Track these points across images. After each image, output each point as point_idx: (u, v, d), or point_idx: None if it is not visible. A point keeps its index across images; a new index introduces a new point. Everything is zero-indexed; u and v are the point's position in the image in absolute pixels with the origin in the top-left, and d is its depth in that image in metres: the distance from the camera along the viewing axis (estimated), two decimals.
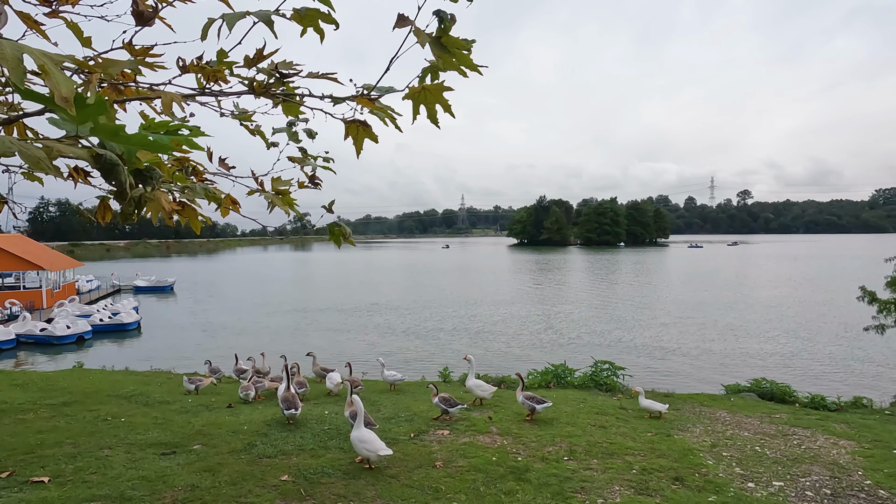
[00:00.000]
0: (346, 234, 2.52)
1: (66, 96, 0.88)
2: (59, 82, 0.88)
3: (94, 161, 1.12)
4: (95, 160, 1.12)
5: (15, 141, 0.98)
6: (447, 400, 7.45)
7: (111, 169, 1.13)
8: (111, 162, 1.12)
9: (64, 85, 0.88)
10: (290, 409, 7.13)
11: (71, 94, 0.89)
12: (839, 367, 18.05)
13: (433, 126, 2.49)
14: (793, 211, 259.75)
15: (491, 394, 8.55)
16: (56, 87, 0.88)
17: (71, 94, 0.89)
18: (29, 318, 24.75)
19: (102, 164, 1.12)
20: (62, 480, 4.91)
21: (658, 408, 8.01)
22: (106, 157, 1.11)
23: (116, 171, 1.14)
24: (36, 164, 1.00)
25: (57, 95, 0.88)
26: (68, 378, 11.33)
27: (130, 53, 2.13)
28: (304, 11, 1.90)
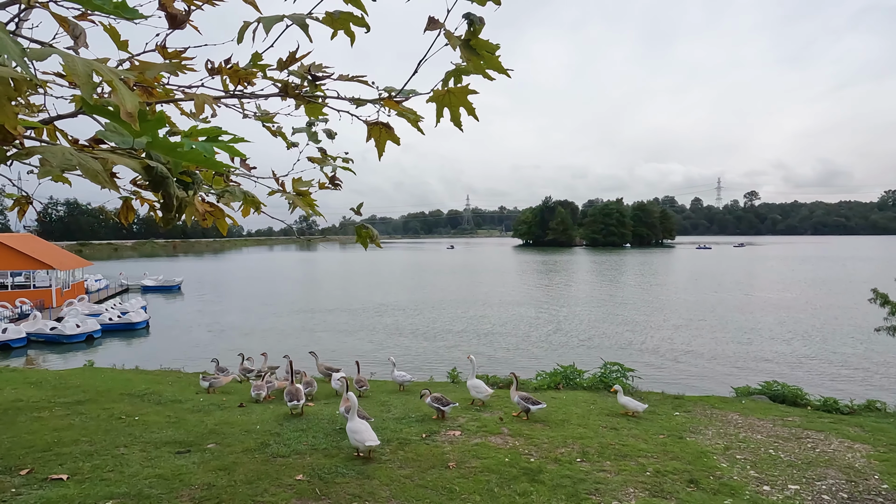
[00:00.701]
0: (374, 237, 2.54)
1: (131, 111, 0.90)
2: (125, 98, 0.90)
3: (146, 173, 1.14)
4: (147, 172, 1.13)
5: (75, 154, 1.00)
6: (440, 399, 7.61)
7: (161, 181, 1.15)
8: (162, 174, 1.14)
9: (129, 101, 0.90)
10: (292, 401, 7.67)
11: (136, 109, 0.91)
12: (851, 369, 17.90)
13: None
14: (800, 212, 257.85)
15: (488, 396, 8.55)
16: (122, 102, 0.89)
17: (136, 109, 0.91)
18: (39, 316, 24.99)
19: (153, 176, 1.14)
20: (80, 478, 4.96)
21: (635, 406, 8.01)
22: (157, 170, 1.13)
23: (166, 184, 1.16)
24: (94, 177, 1.01)
25: (122, 111, 0.90)
26: (80, 376, 11.43)
27: (163, 56, 2.15)
28: (338, 15, 1.92)
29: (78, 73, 0.87)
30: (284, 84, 2.12)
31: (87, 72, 0.88)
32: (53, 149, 0.98)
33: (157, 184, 1.16)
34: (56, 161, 0.94)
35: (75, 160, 0.97)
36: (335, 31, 2.12)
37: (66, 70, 0.86)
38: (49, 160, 0.94)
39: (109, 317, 26.80)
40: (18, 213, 2.97)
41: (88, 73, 0.89)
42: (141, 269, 55.12)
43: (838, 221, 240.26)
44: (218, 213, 2.30)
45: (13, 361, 19.88)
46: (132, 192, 2.99)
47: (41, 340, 23.57)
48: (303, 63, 2.16)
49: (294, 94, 2.11)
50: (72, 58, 0.87)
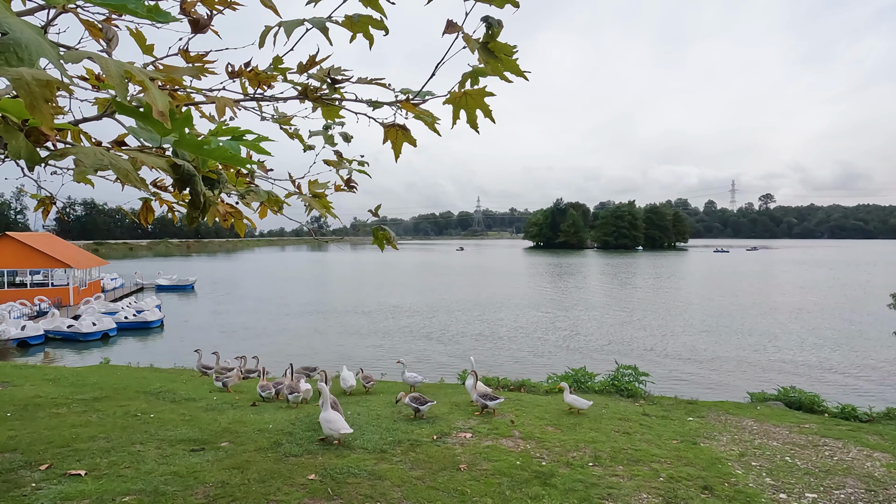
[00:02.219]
0: (391, 238, 2.55)
1: (162, 111, 0.92)
2: (156, 98, 0.92)
3: (173, 171, 1.16)
4: (174, 170, 1.16)
5: (106, 154, 1.02)
6: (417, 399, 7.81)
7: (189, 180, 1.17)
8: (189, 173, 1.16)
9: (160, 100, 0.92)
10: (292, 393, 8.73)
11: (167, 108, 0.92)
12: (870, 376, 17.55)
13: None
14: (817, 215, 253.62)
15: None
16: (154, 101, 0.91)
17: (167, 108, 0.92)
18: (57, 314, 25.47)
19: (181, 174, 1.16)
20: (98, 474, 5.04)
21: (581, 404, 8.03)
22: (184, 168, 1.15)
23: (193, 182, 1.18)
24: (125, 176, 1.04)
25: (154, 110, 0.92)
26: (97, 374, 11.62)
27: (186, 60, 2.19)
28: (357, 18, 1.94)
29: (112, 75, 0.89)
30: (304, 87, 2.14)
31: (121, 73, 0.90)
32: (86, 149, 1.00)
33: (184, 182, 1.18)
34: (89, 161, 0.96)
35: (107, 160, 0.99)
36: (354, 34, 2.14)
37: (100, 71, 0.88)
38: (83, 160, 0.96)
39: (125, 315, 27.23)
40: (43, 213, 3.04)
41: (122, 75, 0.91)
42: (155, 269, 55.92)
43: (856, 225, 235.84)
44: (237, 215, 2.33)
45: (32, 358, 20.28)
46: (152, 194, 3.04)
47: (59, 338, 24.02)
48: (322, 66, 2.18)
49: (314, 97, 2.13)
50: (105, 60, 0.89)
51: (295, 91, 2.16)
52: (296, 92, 2.16)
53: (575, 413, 8.16)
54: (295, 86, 2.17)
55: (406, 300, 37.07)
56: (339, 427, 6.23)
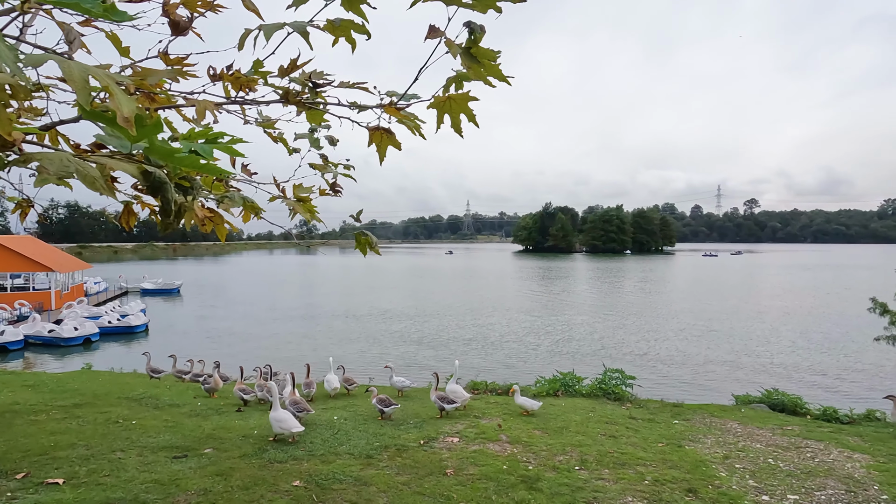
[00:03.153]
0: (373, 244, 2.54)
1: (127, 116, 0.90)
2: (121, 103, 0.90)
3: (144, 178, 1.14)
4: (145, 177, 1.13)
5: (73, 160, 1.00)
6: (383, 401, 8.01)
7: (160, 186, 1.15)
8: (160, 180, 1.14)
9: (126, 106, 0.90)
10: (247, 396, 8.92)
11: (132, 114, 0.91)
12: (851, 378, 17.86)
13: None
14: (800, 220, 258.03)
15: (465, 400, 8.66)
16: (119, 107, 0.89)
17: (132, 114, 0.91)
18: (38, 319, 24.95)
19: (152, 181, 1.14)
20: (76, 482, 4.93)
21: (531, 405, 8.28)
22: (155, 175, 1.13)
23: (164, 189, 1.16)
24: (91, 183, 1.01)
25: (119, 116, 0.90)
26: (78, 379, 11.39)
27: (165, 63, 2.17)
28: (339, 22, 1.93)
29: (74, 79, 0.87)
30: (285, 91, 2.13)
31: (84, 77, 0.88)
32: (51, 155, 0.98)
33: (155, 189, 1.16)
34: (54, 168, 0.94)
35: (73, 167, 0.97)
36: (336, 38, 2.14)
37: None
38: (47, 167, 0.94)
39: (109, 320, 26.77)
40: (20, 215, 2.98)
41: (85, 79, 0.89)
42: (140, 272, 55.09)
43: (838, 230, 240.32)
44: (217, 219, 2.30)
45: (11, 364, 19.83)
46: (133, 197, 3.00)
47: (39, 343, 23.52)
48: (304, 70, 2.17)
49: (295, 100, 2.12)
50: (68, 63, 0.87)
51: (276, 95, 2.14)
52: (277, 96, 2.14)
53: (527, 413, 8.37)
54: (276, 90, 2.15)
55: (395, 304, 36.95)
56: (291, 426, 6.38)
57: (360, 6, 1.89)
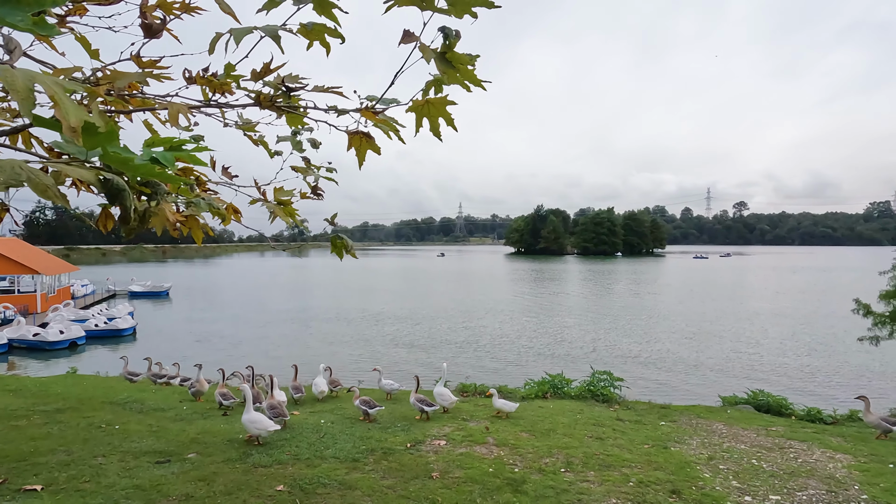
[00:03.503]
0: (349, 247, 2.54)
1: (74, 126, 0.89)
2: (68, 112, 0.88)
3: (101, 185, 1.12)
4: (102, 184, 1.12)
5: (24, 167, 0.99)
6: (367, 402, 8.10)
7: (117, 194, 1.13)
8: (118, 187, 1.12)
9: (73, 115, 0.89)
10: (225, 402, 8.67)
11: (79, 123, 0.89)
12: (836, 379, 18.08)
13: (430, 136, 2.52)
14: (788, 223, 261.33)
15: (451, 403, 8.73)
16: (65, 116, 0.88)
17: (79, 123, 0.89)
18: (23, 322, 24.56)
19: (109, 188, 1.12)
20: (55, 489, 4.86)
21: (509, 408, 8.36)
22: (113, 182, 1.12)
23: (122, 196, 1.14)
24: (43, 192, 1.00)
25: (65, 125, 0.89)
26: (62, 384, 11.24)
27: (138, 65, 2.15)
28: (311, 26, 1.93)
29: (17, 88, 0.86)
30: (258, 94, 2.12)
31: (28, 86, 0.87)
32: (2, 163, 0.97)
33: (113, 196, 1.15)
34: (4, 176, 0.92)
35: (24, 175, 0.95)
36: (311, 42, 2.14)
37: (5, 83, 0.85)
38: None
39: (95, 323, 26.41)
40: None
41: (29, 87, 0.87)
42: (129, 275, 54.48)
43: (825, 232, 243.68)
44: (192, 223, 2.29)
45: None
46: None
47: (23, 347, 23.16)
48: (279, 74, 2.17)
49: (268, 104, 2.11)
50: (10, 72, 0.86)
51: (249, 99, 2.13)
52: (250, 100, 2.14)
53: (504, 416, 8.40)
54: (248, 93, 2.15)
55: (387, 307, 36.85)
56: (266, 425, 6.50)
57: (332, 10, 1.89)
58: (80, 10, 2.52)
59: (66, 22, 2.60)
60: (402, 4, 2.12)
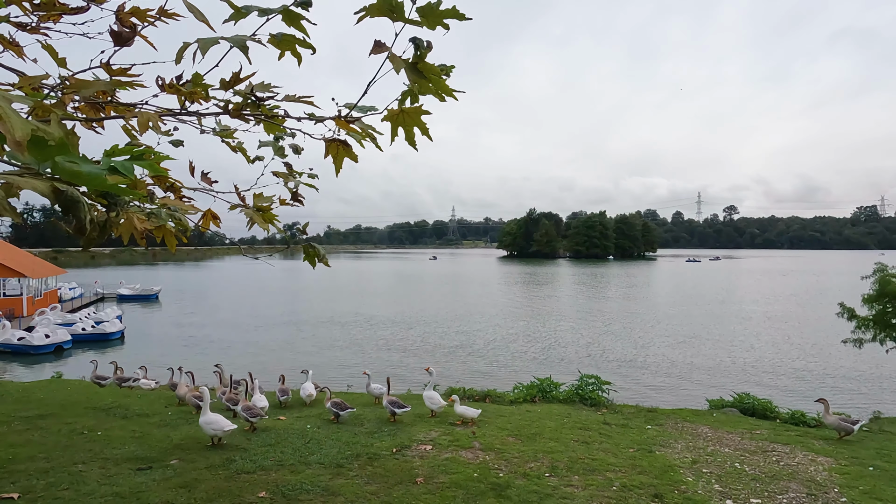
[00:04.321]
0: (321, 256, 2.54)
1: (19, 140, 0.88)
2: (14, 126, 0.88)
3: (55, 197, 1.12)
4: (56, 196, 1.12)
5: None
6: (338, 404, 8.23)
7: (72, 205, 1.13)
8: (72, 199, 1.12)
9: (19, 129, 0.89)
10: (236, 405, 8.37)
11: (25, 138, 0.89)
12: (821, 382, 18.28)
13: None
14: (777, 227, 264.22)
15: (440, 408, 8.73)
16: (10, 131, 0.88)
17: (25, 138, 0.89)
18: (8, 326, 24.22)
19: (63, 200, 1.12)
20: (32, 497, 4.80)
21: (472, 414, 8.29)
22: (67, 194, 1.12)
23: (76, 208, 1.14)
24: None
25: (10, 139, 0.89)
26: (45, 389, 11.09)
27: (108, 73, 2.15)
28: (280, 37, 1.94)
29: None
30: (226, 103, 2.13)
31: None
32: None
33: (67, 208, 1.15)
34: None
35: None
36: (282, 52, 2.15)
37: None
38: None
39: (83, 327, 26.09)
40: None
41: None
42: (118, 278, 53.91)
43: (813, 236, 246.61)
44: (164, 231, 2.29)
45: None
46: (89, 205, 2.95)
47: (8, 351, 22.83)
48: (250, 82, 2.17)
49: (237, 114, 2.12)
50: None
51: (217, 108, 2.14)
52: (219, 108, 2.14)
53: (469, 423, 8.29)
54: (217, 102, 2.15)
55: (378, 310, 36.75)
56: (223, 426, 6.57)
57: (300, 22, 1.91)
58: (53, 17, 2.52)
59: (39, 29, 2.59)
60: (373, 15, 2.13)
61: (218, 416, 6.76)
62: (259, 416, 7.53)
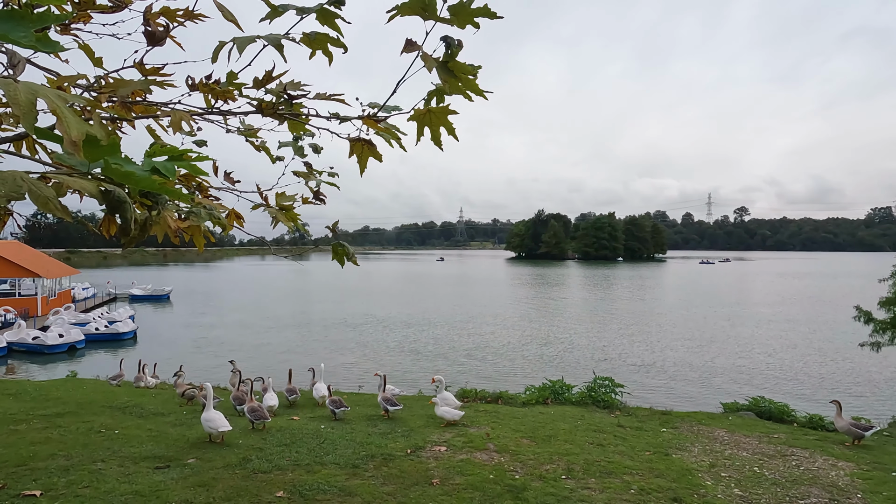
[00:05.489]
0: (350, 255, 2.54)
1: (75, 140, 0.89)
2: (69, 126, 0.89)
3: (102, 197, 1.12)
4: (103, 196, 1.12)
5: (26, 178, 0.98)
6: (335, 402, 8.65)
7: (118, 206, 1.14)
8: (118, 199, 1.13)
9: (75, 129, 0.89)
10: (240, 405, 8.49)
11: (81, 137, 0.89)
12: (838, 386, 18.01)
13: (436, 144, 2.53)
14: (790, 228, 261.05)
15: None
16: (66, 131, 0.88)
17: (81, 137, 0.89)
18: (23, 325, 24.57)
19: (110, 200, 1.13)
20: (54, 494, 4.84)
21: (452, 416, 8.18)
22: (114, 195, 1.12)
23: (123, 209, 1.14)
24: (45, 204, 1.00)
25: (66, 139, 0.89)
26: (62, 388, 11.22)
27: (141, 73, 2.16)
28: (314, 36, 1.94)
29: (20, 102, 0.86)
30: (260, 102, 2.13)
31: (31, 99, 0.87)
32: (5, 174, 0.97)
33: (113, 208, 1.15)
34: (5, 189, 0.93)
35: (25, 187, 0.96)
36: (314, 51, 2.15)
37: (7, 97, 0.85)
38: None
39: (96, 326, 26.39)
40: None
41: (31, 101, 0.87)
42: (130, 278, 54.49)
43: (826, 238, 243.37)
44: (194, 231, 2.29)
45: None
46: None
47: (23, 350, 23.14)
48: (281, 81, 2.17)
49: (270, 112, 2.12)
50: (13, 85, 0.86)
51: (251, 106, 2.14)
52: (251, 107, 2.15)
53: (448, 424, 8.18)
54: (250, 101, 2.16)
55: (389, 312, 36.81)
56: (219, 425, 6.66)
57: (335, 20, 1.90)
58: (84, 17, 2.54)
59: (70, 30, 2.62)
60: (404, 14, 2.13)
61: (218, 414, 6.82)
62: (263, 419, 7.54)
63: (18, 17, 0.77)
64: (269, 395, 9.09)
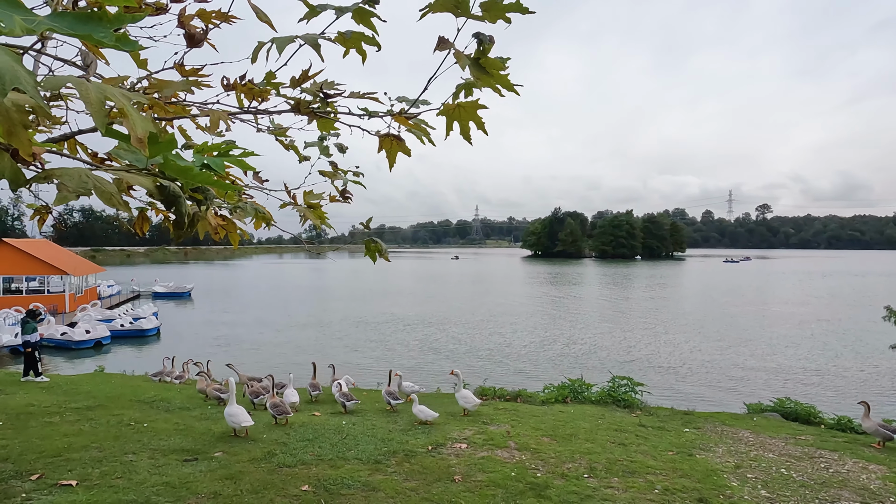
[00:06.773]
0: (382, 251, 2.57)
1: (140, 137, 0.93)
2: (135, 123, 0.92)
3: (158, 192, 1.17)
4: (159, 191, 1.17)
5: (91, 176, 1.03)
6: (346, 396, 9.04)
7: (174, 200, 1.18)
8: (174, 194, 1.17)
9: (140, 126, 0.93)
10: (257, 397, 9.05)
11: (146, 134, 0.94)
12: (867, 388, 17.53)
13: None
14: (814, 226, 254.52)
15: (474, 406, 8.77)
16: (133, 128, 0.92)
17: (146, 134, 0.94)
18: (52, 321, 25.32)
19: (166, 195, 1.17)
20: (89, 484, 5.00)
21: (426, 416, 8.03)
22: (170, 189, 1.16)
23: (178, 203, 1.19)
24: (108, 199, 1.04)
25: (133, 136, 0.93)
26: (91, 382, 11.55)
27: (181, 74, 2.22)
28: (350, 35, 1.97)
29: (91, 101, 0.90)
30: (297, 101, 2.17)
31: (101, 99, 0.91)
32: (70, 171, 1.01)
33: (169, 202, 1.19)
34: (73, 185, 0.97)
35: (90, 183, 1.00)
36: (347, 49, 2.17)
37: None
38: (66, 184, 0.97)
39: (121, 323, 27.07)
40: (39, 221, 3.05)
41: (101, 101, 0.91)
42: (152, 276, 55.73)
43: (853, 235, 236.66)
44: (230, 227, 2.35)
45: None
46: (147, 203, 3.06)
47: (51, 345, 23.85)
48: (315, 80, 2.21)
49: (307, 111, 2.15)
50: (85, 85, 0.90)
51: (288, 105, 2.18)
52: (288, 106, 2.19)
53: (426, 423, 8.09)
54: (287, 100, 2.19)
55: (407, 310, 36.99)
56: (241, 420, 6.79)
57: (371, 19, 1.93)
58: None
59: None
60: (436, 11, 2.14)
61: (241, 409, 6.95)
62: (285, 414, 7.67)
63: (97, 18, 0.81)
64: (290, 392, 9.22)
